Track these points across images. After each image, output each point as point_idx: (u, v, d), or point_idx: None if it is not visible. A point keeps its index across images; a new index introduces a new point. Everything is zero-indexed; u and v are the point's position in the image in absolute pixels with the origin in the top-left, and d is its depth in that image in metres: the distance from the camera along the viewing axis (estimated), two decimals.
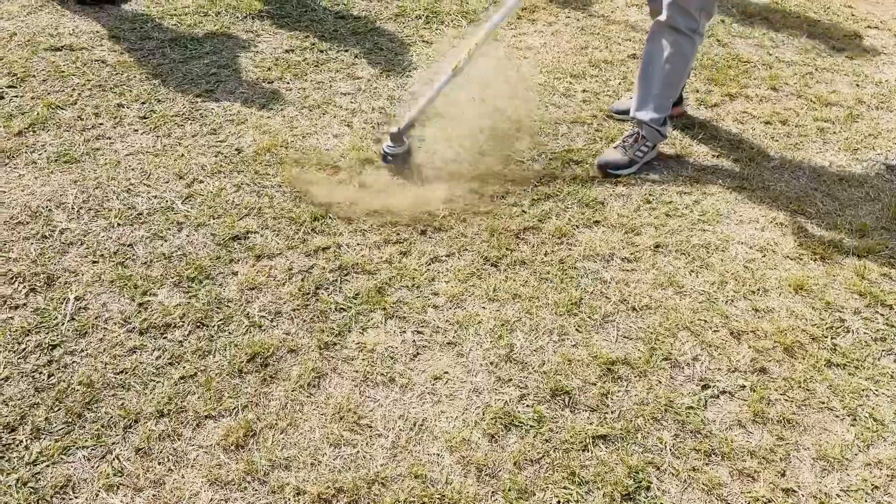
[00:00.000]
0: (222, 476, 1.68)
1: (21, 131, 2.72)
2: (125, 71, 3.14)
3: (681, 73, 2.74)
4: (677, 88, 2.79)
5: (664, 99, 2.77)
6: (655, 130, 2.79)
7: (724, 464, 1.81)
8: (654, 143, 2.82)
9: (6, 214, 2.35)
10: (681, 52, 2.69)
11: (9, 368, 1.87)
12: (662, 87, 2.75)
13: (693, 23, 2.64)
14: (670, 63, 2.71)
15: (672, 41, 2.68)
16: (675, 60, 2.70)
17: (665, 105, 2.78)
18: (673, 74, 2.73)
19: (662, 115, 2.78)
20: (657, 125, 2.78)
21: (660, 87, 2.75)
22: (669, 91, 2.76)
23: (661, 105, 2.77)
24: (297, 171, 2.64)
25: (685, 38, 2.66)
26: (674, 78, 2.74)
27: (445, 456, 1.78)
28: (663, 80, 2.74)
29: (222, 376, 1.90)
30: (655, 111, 2.77)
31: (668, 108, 2.79)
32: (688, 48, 2.68)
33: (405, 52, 3.51)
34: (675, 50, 2.68)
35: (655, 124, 2.78)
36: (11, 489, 1.62)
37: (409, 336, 2.07)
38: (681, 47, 2.68)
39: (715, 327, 2.17)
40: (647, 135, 2.79)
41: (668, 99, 2.78)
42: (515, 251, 2.39)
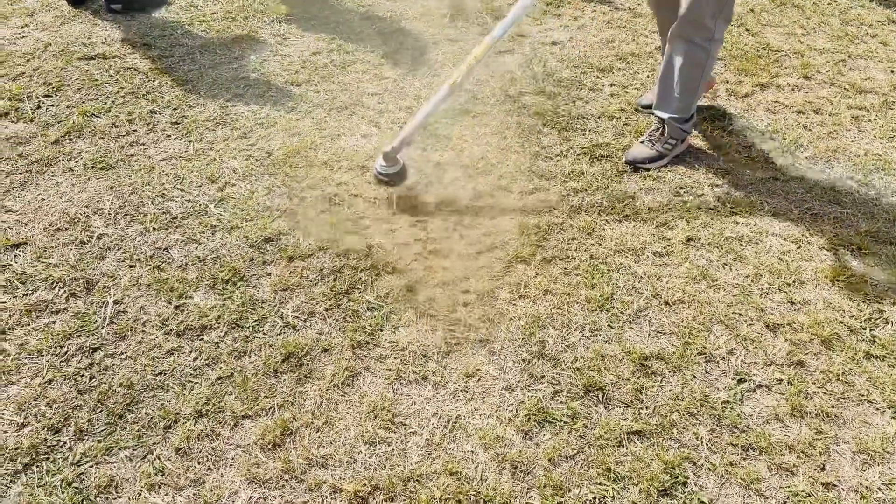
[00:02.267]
0: (260, 475, 1.71)
1: (58, 139, 2.79)
2: (157, 77, 3.20)
3: (697, 80, 2.69)
4: (697, 92, 2.73)
5: (685, 102, 2.73)
6: (678, 128, 2.75)
7: (762, 458, 1.79)
8: (680, 138, 2.78)
9: (46, 221, 2.41)
10: (696, 62, 2.63)
11: (52, 371, 1.92)
12: (681, 91, 2.70)
13: (706, 32, 2.57)
14: (685, 72, 2.66)
15: (686, 52, 2.63)
16: (691, 69, 2.65)
17: (686, 107, 2.74)
18: (690, 82, 2.68)
19: (685, 115, 2.75)
20: (679, 123, 2.75)
21: (679, 91, 2.71)
22: (689, 95, 2.72)
23: (683, 107, 2.73)
24: (328, 173, 2.67)
25: (699, 49, 2.61)
26: (691, 84, 2.69)
27: (480, 453, 1.78)
28: (682, 85, 2.70)
29: (258, 376, 1.93)
30: (676, 111, 2.74)
31: (690, 109, 2.75)
32: (702, 58, 2.62)
33: (431, 52, 3.52)
34: (689, 60, 2.63)
35: (678, 122, 2.75)
36: (57, 489, 1.67)
37: (440, 334, 2.08)
38: (695, 58, 2.62)
39: (750, 320, 2.14)
40: (671, 130, 2.76)
41: (690, 102, 2.73)
42: (545, 247, 2.38)
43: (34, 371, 1.92)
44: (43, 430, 1.78)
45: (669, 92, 2.73)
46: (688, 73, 2.66)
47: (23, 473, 1.70)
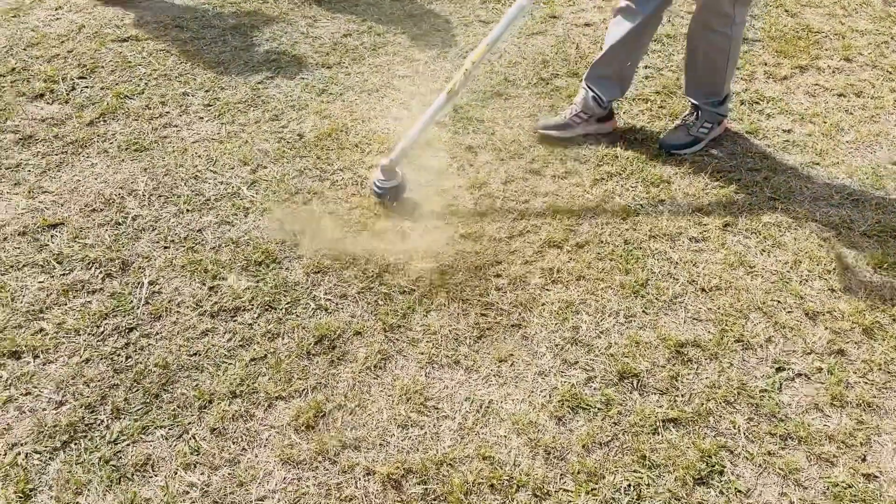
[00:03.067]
0: (294, 456, 1.72)
1: (92, 121, 2.81)
2: (189, 60, 3.20)
3: (725, 64, 2.60)
4: (727, 75, 2.64)
5: (714, 86, 2.65)
6: (712, 111, 2.69)
7: (801, 448, 1.76)
8: (715, 121, 2.72)
9: (81, 202, 2.43)
10: (720, 49, 2.56)
11: (89, 351, 1.94)
12: (710, 77, 2.63)
13: (727, 20, 2.49)
14: (711, 60, 2.59)
15: (708, 41, 2.56)
16: (717, 56, 2.58)
17: (717, 90, 2.66)
18: (717, 68, 2.60)
19: (716, 99, 2.68)
20: (713, 107, 2.68)
21: (706, 77, 2.64)
22: (719, 79, 2.63)
23: (713, 91, 2.66)
24: (359, 156, 2.66)
25: (720, 36, 2.53)
26: (719, 69, 2.61)
27: (513, 438, 1.77)
28: (708, 71, 2.63)
29: (291, 358, 1.94)
30: (707, 95, 2.68)
31: (721, 91, 2.67)
32: (725, 44, 2.54)
33: (462, 34, 3.48)
34: (713, 48, 2.56)
35: (710, 106, 2.68)
36: (95, 467, 1.69)
37: (472, 318, 2.06)
38: (719, 45, 2.55)
39: (789, 308, 2.10)
40: (706, 115, 2.69)
41: (721, 85, 2.65)
42: (578, 232, 2.35)
43: (72, 350, 1.95)
44: (81, 408, 1.81)
45: (697, 78, 2.67)
46: (714, 60, 2.59)
47: (61, 451, 1.72)
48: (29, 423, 1.77)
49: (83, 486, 1.65)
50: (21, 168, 2.57)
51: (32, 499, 1.63)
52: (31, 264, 2.19)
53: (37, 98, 2.92)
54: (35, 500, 1.63)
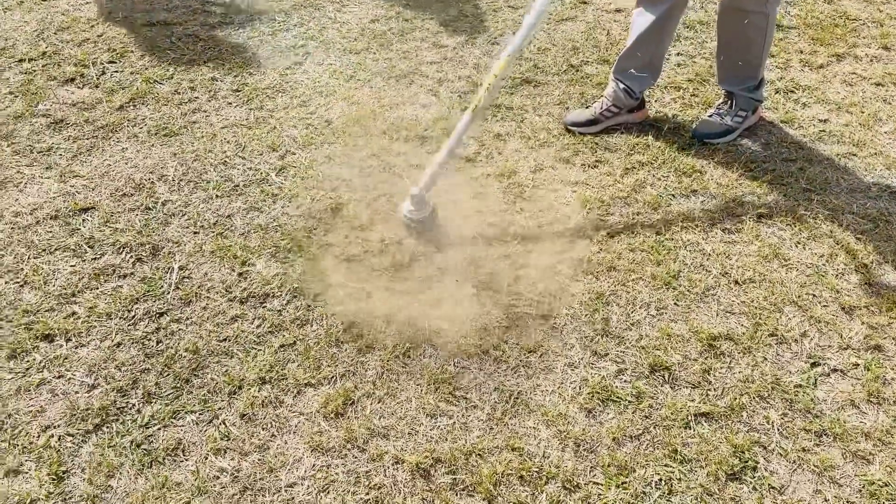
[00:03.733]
0: (323, 443, 1.72)
1: (122, 105, 2.82)
2: (217, 45, 3.20)
3: (761, 46, 2.51)
4: (762, 58, 2.56)
5: (750, 69, 2.58)
6: (748, 97, 2.63)
7: (837, 445, 1.73)
8: (750, 108, 2.66)
9: (112, 187, 2.44)
10: (756, 27, 2.46)
11: (120, 335, 1.96)
12: (745, 60, 2.56)
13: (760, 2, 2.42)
14: (746, 39, 2.50)
15: (742, 23, 2.46)
16: (752, 35, 2.48)
17: (752, 74, 2.59)
18: (753, 49, 2.52)
19: (752, 83, 2.61)
20: (748, 92, 2.62)
21: (742, 62, 2.57)
22: (754, 60, 2.55)
23: (749, 74, 2.59)
24: (386, 143, 2.64)
25: (757, 16, 2.43)
26: (753, 50, 2.53)
27: (542, 429, 1.76)
28: (743, 57, 2.56)
29: (320, 345, 1.93)
30: (743, 81, 2.61)
31: (757, 74, 2.59)
32: (761, 22, 2.45)
33: (491, 19, 3.45)
34: (748, 28, 2.47)
35: (746, 91, 2.62)
36: (126, 450, 1.70)
37: (501, 308, 2.05)
38: (755, 25, 2.46)
39: (825, 302, 2.06)
40: (740, 102, 2.64)
41: (756, 69, 2.58)
42: (609, 222, 2.32)
43: (103, 334, 1.96)
44: (112, 391, 1.82)
45: (733, 64, 2.60)
46: (750, 40, 2.50)
47: (93, 434, 1.74)
48: (62, 405, 1.79)
49: (115, 469, 1.66)
50: (53, 152, 2.59)
51: (65, 481, 1.65)
52: (62, 248, 2.21)
53: (67, 82, 2.94)
54: (67, 483, 1.64)
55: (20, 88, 2.89)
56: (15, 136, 2.66)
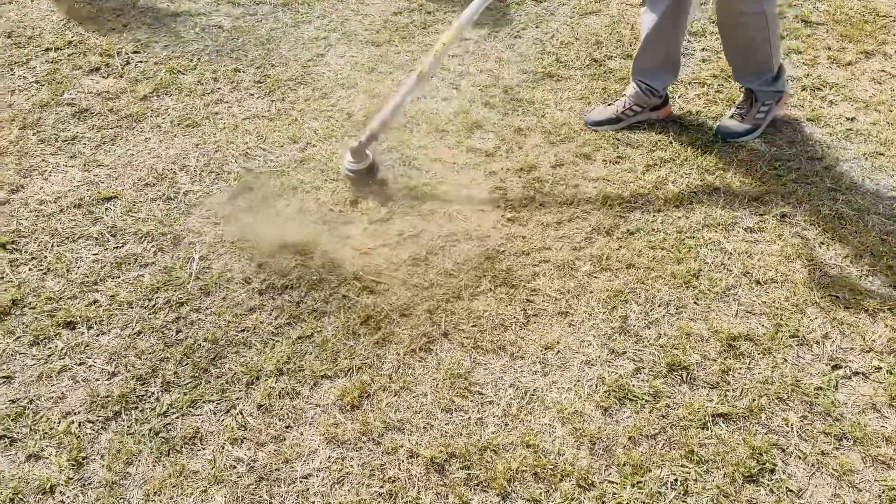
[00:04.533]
0: (339, 435, 1.73)
1: (146, 96, 2.84)
2: (240, 36, 3.22)
3: (767, 41, 2.44)
4: (770, 53, 2.47)
5: (763, 64, 2.51)
6: (768, 91, 2.57)
7: (857, 449, 1.70)
8: (774, 100, 2.59)
9: (135, 176, 2.46)
10: (757, 27, 2.39)
11: (141, 323, 1.98)
12: (754, 57, 2.49)
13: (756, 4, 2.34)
14: (749, 40, 2.44)
15: (742, 24, 2.40)
16: (754, 35, 2.42)
17: (766, 67, 2.51)
18: (758, 49, 2.46)
19: (769, 76, 2.54)
20: (768, 85, 2.56)
21: (751, 59, 2.50)
22: (763, 56, 2.48)
23: (763, 70, 2.52)
24: (406, 136, 2.64)
25: (755, 17, 2.37)
26: (761, 50, 2.46)
27: (557, 427, 1.75)
28: (751, 57, 2.49)
29: (337, 337, 1.94)
30: (760, 75, 2.54)
31: (773, 67, 2.52)
32: (760, 22, 2.38)
33: (514, 12, 3.42)
34: (749, 30, 2.40)
35: (766, 85, 2.56)
36: (145, 438, 1.72)
37: (518, 304, 2.04)
38: (754, 25, 2.39)
39: (848, 304, 2.03)
40: (761, 96, 2.57)
41: (768, 63, 2.50)
42: (629, 219, 2.31)
43: (124, 322, 1.98)
44: (132, 379, 1.84)
45: (744, 63, 2.54)
46: (753, 40, 2.44)
47: (113, 421, 1.76)
48: (82, 392, 1.82)
49: (133, 456, 1.68)
50: (77, 141, 2.62)
51: (84, 466, 1.67)
52: (85, 236, 2.24)
53: (93, 72, 2.97)
54: (87, 468, 1.67)
55: (46, 77, 2.92)
56: (40, 124, 2.69)
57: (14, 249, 2.19)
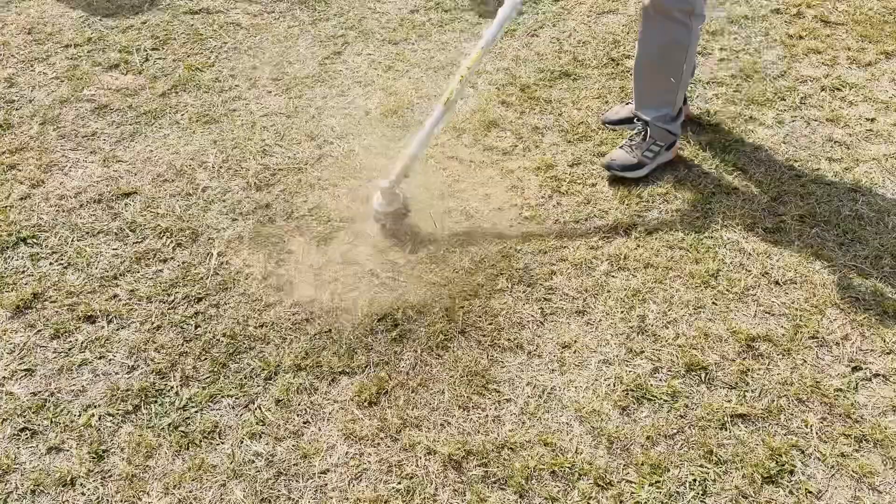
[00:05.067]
0: (357, 431, 1.73)
1: (165, 92, 2.86)
2: (258, 33, 3.23)
3: (681, 66, 2.32)
4: (681, 82, 2.37)
5: (668, 95, 2.37)
6: (663, 129, 2.41)
7: (877, 451, 1.69)
8: (665, 143, 2.43)
9: (154, 172, 2.48)
10: (678, 42, 2.28)
11: (160, 318, 1.99)
12: (663, 83, 2.36)
13: (685, 4, 2.21)
14: (666, 56, 2.31)
15: (664, 30, 2.26)
16: (672, 51, 2.29)
17: (670, 100, 2.38)
18: (672, 68, 2.32)
19: (668, 111, 2.40)
20: (664, 122, 2.40)
21: (660, 85, 2.37)
22: (673, 86, 2.36)
23: (666, 101, 2.39)
24: None
25: (679, 26, 2.25)
26: (674, 71, 2.33)
27: (575, 425, 1.75)
28: (662, 77, 2.35)
29: (355, 334, 1.95)
30: (659, 108, 2.40)
31: (674, 102, 2.39)
32: (683, 36, 2.27)
33: (531, 10, 3.42)
34: (669, 40, 2.28)
35: (662, 122, 2.40)
36: (164, 432, 1.73)
37: (536, 302, 2.04)
38: (676, 36, 2.27)
39: (868, 305, 2.02)
40: (655, 134, 2.41)
41: (674, 93, 2.38)
42: (647, 218, 2.30)
43: (144, 317, 2.00)
44: (152, 373, 1.86)
45: (649, 85, 2.40)
46: (669, 56, 2.31)
47: (132, 414, 1.78)
48: (103, 385, 1.83)
49: (153, 449, 1.70)
50: (97, 137, 2.64)
51: (104, 460, 1.68)
52: (105, 231, 2.25)
53: (112, 68, 2.99)
54: (107, 461, 1.68)
55: (66, 73, 2.95)
56: (60, 120, 2.71)
57: (35, 244, 2.21)
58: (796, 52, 3.08)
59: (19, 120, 2.71)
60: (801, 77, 2.94)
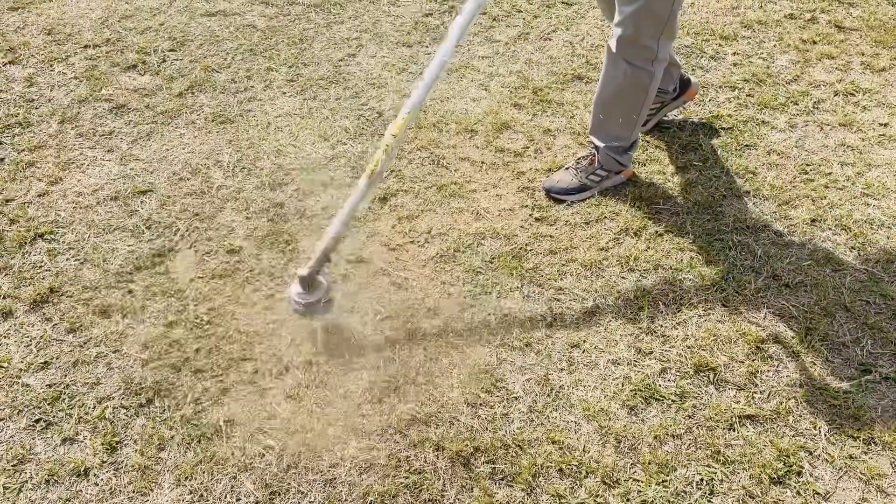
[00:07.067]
0: (366, 426, 1.75)
1: (181, 93, 2.90)
2: (273, 35, 3.27)
3: (640, 105, 2.31)
4: (640, 118, 2.35)
5: (626, 129, 2.36)
6: (613, 158, 2.39)
7: (885, 454, 1.69)
8: (613, 170, 2.42)
9: (169, 170, 2.52)
10: (639, 85, 2.27)
11: (175, 313, 2.02)
12: (621, 118, 2.34)
13: (649, 53, 2.21)
14: (627, 97, 2.30)
15: (625, 74, 2.25)
16: (632, 94, 2.29)
17: (624, 134, 2.37)
18: (632, 107, 2.31)
19: (621, 144, 2.38)
20: (615, 153, 2.39)
21: (617, 118, 2.35)
22: (630, 122, 2.35)
23: (622, 135, 2.38)
24: (436, 135, 2.67)
25: (642, 72, 2.24)
26: (632, 110, 2.32)
27: (583, 424, 1.76)
28: (621, 112, 2.33)
29: (365, 331, 1.97)
30: (614, 140, 2.38)
31: (628, 137, 2.38)
32: (646, 81, 2.26)
33: (544, 15, 3.44)
34: (631, 83, 2.26)
35: (613, 152, 2.38)
36: (177, 424, 1.76)
37: (545, 302, 2.05)
38: (638, 81, 2.26)
39: (878, 309, 2.02)
40: (603, 160, 2.40)
41: (630, 128, 2.37)
42: (657, 220, 2.31)
43: (158, 312, 2.02)
44: (165, 367, 1.88)
45: (608, 116, 2.37)
46: (629, 97, 2.30)
47: (146, 407, 1.80)
48: (117, 378, 1.86)
49: (166, 442, 1.72)
50: (114, 136, 2.68)
51: (118, 451, 1.71)
52: (121, 228, 2.29)
53: (130, 69, 3.03)
54: (120, 453, 1.71)
55: (85, 74, 2.99)
56: (79, 119, 2.76)
57: (52, 239, 2.25)
58: (810, 57, 3.08)
59: (39, 119, 2.75)
60: (814, 82, 2.94)
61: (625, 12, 2.14)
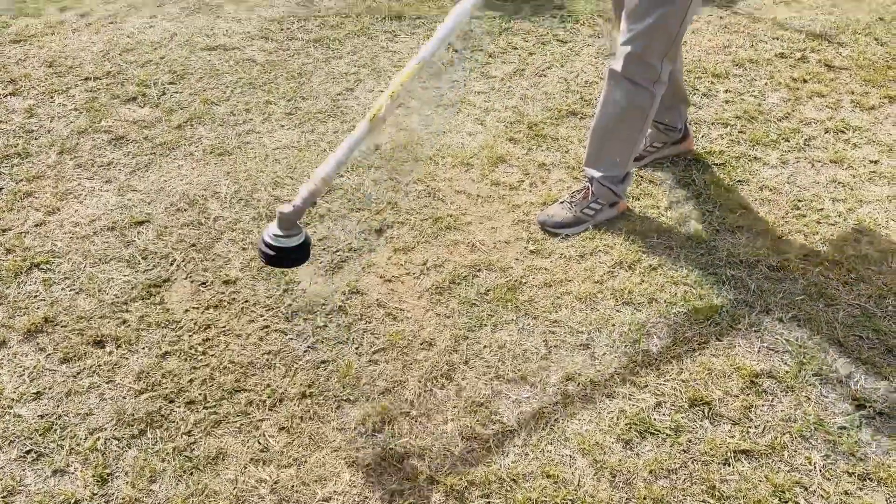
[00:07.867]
0: (360, 459, 1.74)
1: (180, 125, 2.92)
2: (273, 69, 3.31)
3: (638, 130, 2.35)
4: (636, 146, 2.40)
5: (622, 156, 2.39)
6: (608, 189, 2.40)
7: (881, 490, 1.68)
8: (608, 202, 2.44)
9: (167, 201, 2.53)
10: (640, 107, 2.30)
11: (168, 344, 2.01)
12: (618, 144, 2.37)
13: (653, 73, 2.24)
14: (626, 121, 2.32)
15: (627, 95, 2.28)
16: (632, 117, 2.32)
17: (623, 163, 2.39)
18: (630, 132, 2.35)
19: (616, 174, 2.41)
20: (611, 183, 2.40)
21: (615, 145, 2.38)
22: (627, 149, 2.38)
23: (618, 162, 2.39)
24: (433, 168, 2.69)
25: (643, 92, 2.27)
26: (631, 135, 2.36)
27: (578, 458, 1.75)
28: (619, 137, 2.36)
29: (360, 363, 1.96)
30: (609, 169, 2.40)
31: (625, 165, 2.40)
32: (646, 102, 2.29)
33: (539, 52, 3.50)
34: (632, 104, 2.29)
35: (608, 182, 2.40)
36: (169, 456, 1.74)
37: (540, 335, 2.06)
38: (639, 101, 2.29)
39: (871, 344, 2.02)
40: (598, 192, 2.41)
41: (627, 156, 2.39)
42: (651, 254, 2.32)
43: (152, 342, 2.02)
44: (158, 398, 1.87)
45: (602, 146, 2.39)
46: (629, 121, 2.33)
47: (138, 438, 1.79)
48: (110, 409, 1.85)
49: (157, 474, 1.71)
50: (112, 167, 2.70)
51: (109, 483, 1.69)
52: (117, 258, 2.29)
53: (129, 101, 3.07)
54: (111, 485, 1.69)
55: (85, 105, 3.02)
56: (78, 150, 2.78)
57: (48, 269, 2.25)
58: (800, 95, 3.13)
59: (38, 149, 2.78)
60: (805, 119, 2.99)
61: (635, 29, 2.19)
